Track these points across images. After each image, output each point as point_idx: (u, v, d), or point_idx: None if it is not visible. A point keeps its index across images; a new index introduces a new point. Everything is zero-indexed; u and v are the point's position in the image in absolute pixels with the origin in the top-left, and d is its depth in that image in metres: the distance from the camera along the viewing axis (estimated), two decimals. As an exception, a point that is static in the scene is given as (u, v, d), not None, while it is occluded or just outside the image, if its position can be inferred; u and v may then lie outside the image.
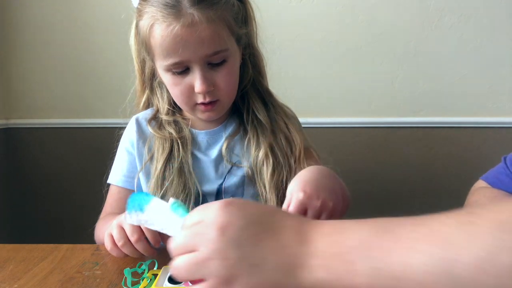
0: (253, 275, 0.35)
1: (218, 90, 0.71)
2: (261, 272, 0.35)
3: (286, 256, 0.35)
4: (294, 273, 0.35)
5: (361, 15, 1.38)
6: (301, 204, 0.50)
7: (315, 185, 0.52)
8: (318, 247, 0.35)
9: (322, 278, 0.34)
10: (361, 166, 1.44)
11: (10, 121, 1.53)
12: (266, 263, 0.35)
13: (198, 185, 0.75)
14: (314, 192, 0.51)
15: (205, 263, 0.36)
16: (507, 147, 1.44)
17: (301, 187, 0.51)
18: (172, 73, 0.70)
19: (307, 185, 0.52)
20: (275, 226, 0.37)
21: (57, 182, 1.55)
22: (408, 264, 0.30)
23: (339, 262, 0.34)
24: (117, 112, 0.85)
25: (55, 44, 1.46)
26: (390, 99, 1.41)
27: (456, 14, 1.34)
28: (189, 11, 0.65)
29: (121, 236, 0.58)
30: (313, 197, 0.50)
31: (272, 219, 0.38)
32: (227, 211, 0.38)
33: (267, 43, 0.83)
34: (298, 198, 0.50)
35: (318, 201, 0.50)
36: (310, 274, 0.34)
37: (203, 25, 0.65)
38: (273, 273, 0.35)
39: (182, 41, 0.66)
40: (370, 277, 0.32)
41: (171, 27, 0.65)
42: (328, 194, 0.52)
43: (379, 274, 0.32)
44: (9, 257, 0.62)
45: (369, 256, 0.32)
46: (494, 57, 1.36)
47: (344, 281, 0.33)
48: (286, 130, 0.78)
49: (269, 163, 0.75)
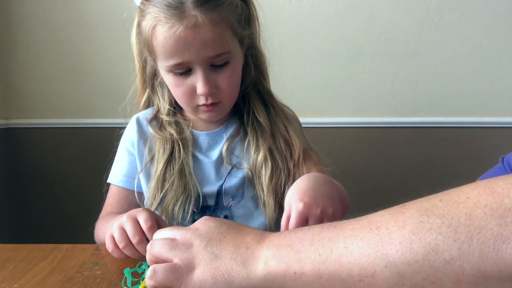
0: (212, 261, 0.40)
1: (220, 92, 0.71)
2: (220, 260, 0.40)
3: (244, 249, 0.40)
4: (248, 263, 0.39)
5: (361, 15, 1.38)
6: (301, 215, 0.50)
7: (313, 194, 0.52)
8: (272, 241, 0.40)
9: (273, 267, 0.38)
10: (361, 166, 1.44)
11: (10, 121, 1.53)
12: (225, 253, 0.40)
13: (198, 186, 0.75)
14: (313, 200, 0.51)
15: (176, 247, 0.42)
16: (507, 147, 1.44)
17: (300, 197, 0.51)
18: (174, 74, 0.70)
19: (305, 194, 0.52)
20: (241, 229, 0.43)
21: (57, 182, 1.55)
22: (348, 250, 0.34)
23: (289, 251, 0.38)
24: (117, 112, 0.85)
25: (55, 44, 1.46)
26: (390, 99, 1.41)
27: (456, 14, 1.35)
28: (193, 12, 0.64)
29: (122, 237, 0.57)
30: (312, 205, 0.50)
31: (241, 226, 0.44)
32: (207, 219, 0.45)
33: (268, 43, 0.83)
34: (298, 209, 0.50)
35: (318, 209, 0.50)
36: (262, 263, 0.38)
37: (206, 27, 0.65)
38: (229, 262, 0.40)
39: (185, 43, 0.65)
40: (315, 263, 0.36)
41: (174, 28, 0.64)
42: (327, 201, 0.52)
43: (324, 260, 0.35)
44: (9, 257, 0.62)
45: (315, 244, 0.37)
46: (494, 57, 1.36)
47: (293, 269, 0.37)
48: (286, 133, 0.78)
49: (267, 167, 0.74)
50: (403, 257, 0.32)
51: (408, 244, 0.32)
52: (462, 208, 0.31)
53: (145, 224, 0.57)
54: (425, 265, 0.31)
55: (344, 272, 0.34)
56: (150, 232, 0.56)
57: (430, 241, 0.31)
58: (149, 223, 0.57)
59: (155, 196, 0.74)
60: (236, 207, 0.76)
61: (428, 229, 0.31)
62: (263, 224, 0.75)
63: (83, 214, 0.85)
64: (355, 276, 0.34)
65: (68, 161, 1.53)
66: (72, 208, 1.53)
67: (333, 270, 0.35)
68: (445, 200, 0.33)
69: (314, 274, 0.35)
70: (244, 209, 0.76)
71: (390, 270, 0.32)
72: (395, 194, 1.47)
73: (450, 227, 0.31)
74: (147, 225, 0.56)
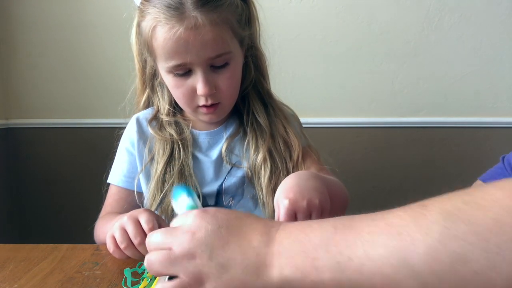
0: (222, 275, 0.37)
1: (220, 93, 0.71)
2: (230, 272, 0.37)
3: (253, 256, 0.37)
4: (262, 272, 0.36)
5: (361, 15, 1.38)
6: (288, 210, 0.50)
7: (298, 188, 0.52)
8: (284, 246, 0.37)
9: (289, 276, 0.35)
10: (361, 166, 1.44)
11: (10, 121, 1.53)
12: (235, 263, 0.37)
13: (198, 187, 0.75)
14: (298, 195, 0.51)
15: (177, 261, 0.39)
16: (507, 147, 1.43)
17: (285, 195, 0.52)
18: (174, 75, 0.70)
19: (290, 191, 0.52)
20: (243, 230, 0.39)
21: (57, 182, 1.55)
22: (369, 257, 0.32)
23: (304, 259, 0.35)
24: (117, 112, 0.85)
25: (55, 44, 1.46)
26: (390, 99, 1.41)
27: (456, 14, 1.35)
28: (193, 13, 0.64)
29: (123, 238, 0.57)
30: (298, 200, 0.51)
31: (240, 223, 0.40)
32: (200, 217, 0.40)
33: (268, 43, 0.83)
34: (285, 206, 0.50)
35: (303, 202, 0.50)
36: (277, 272, 0.36)
37: (206, 28, 0.65)
38: (241, 273, 0.36)
39: (185, 44, 0.65)
40: (334, 272, 0.33)
41: (174, 29, 0.64)
42: (313, 193, 0.52)
43: (343, 268, 0.33)
44: (9, 257, 0.62)
45: (332, 251, 0.34)
46: (494, 57, 1.36)
47: (310, 277, 0.34)
48: (285, 134, 0.78)
49: (267, 167, 0.75)
50: (428, 266, 0.30)
51: (433, 253, 0.30)
52: (489, 213, 0.29)
53: (147, 225, 0.57)
54: (452, 275, 0.29)
55: (365, 281, 0.33)
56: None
57: (456, 250, 0.29)
58: (150, 224, 0.57)
59: (154, 197, 0.74)
60: (236, 207, 0.76)
61: (453, 236, 0.30)
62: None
63: (83, 214, 0.85)
64: (377, 285, 0.32)
65: (68, 161, 1.53)
66: (72, 208, 1.53)
67: (354, 279, 0.33)
68: (469, 202, 0.31)
69: (333, 284, 0.34)
70: (244, 209, 0.76)
71: (415, 280, 0.31)
72: (395, 194, 1.48)
73: (478, 235, 0.29)
74: (149, 226, 0.56)
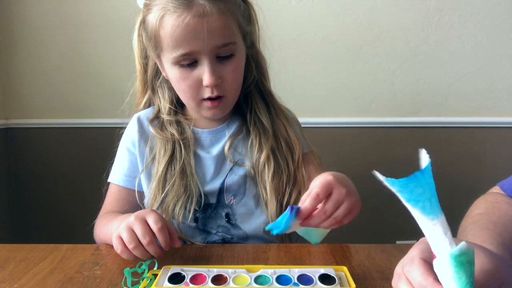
0: None
1: (225, 85, 0.72)
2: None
3: None
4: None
5: (361, 15, 1.38)
6: (328, 184, 0.54)
7: (341, 179, 0.57)
8: None
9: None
10: (361, 166, 1.44)
11: (10, 121, 1.53)
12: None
13: (200, 186, 0.74)
14: (340, 180, 0.56)
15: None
16: (507, 147, 1.44)
17: (330, 173, 0.56)
18: (180, 66, 0.70)
19: (334, 175, 0.56)
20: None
21: (57, 182, 1.55)
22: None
23: None
24: (117, 112, 0.85)
25: (55, 44, 1.46)
26: (390, 99, 1.41)
27: (456, 14, 1.35)
28: (201, 1, 0.66)
29: (132, 238, 0.57)
30: (339, 183, 0.55)
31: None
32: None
33: (268, 44, 0.83)
34: (327, 179, 0.54)
35: (343, 189, 0.55)
36: None
37: (214, 16, 0.66)
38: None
39: (193, 31, 0.66)
40: None
41: (183, 17, 0.66)
42: (352, 190, 0.57)
43: None
44: (9, 257, 0.62)
45: None
46: (494, 57, 1.36)
47: None
48: (286, 134, 0.78)
49: (270, 166, 0.75)
50: None
51: None
52: None
53: (155, 225, 0.57)
54: None
55: None
56: (161, 233, 0.56)
57: None
58: (159, 224, 0.57)
59: (156, 197, 0.74)
60: (237, 205, 0.76)
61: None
62: (265, 222, 0.75)
63: (83, 214, 0.85)
64: None
65: (68, 161, 1.53)
66: (72, 208, 1.53)
67: None
68: None
69: None
70: (246, 208, 0.76)
71: None
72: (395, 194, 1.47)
73: None
74: (158, 226, 0.56)
